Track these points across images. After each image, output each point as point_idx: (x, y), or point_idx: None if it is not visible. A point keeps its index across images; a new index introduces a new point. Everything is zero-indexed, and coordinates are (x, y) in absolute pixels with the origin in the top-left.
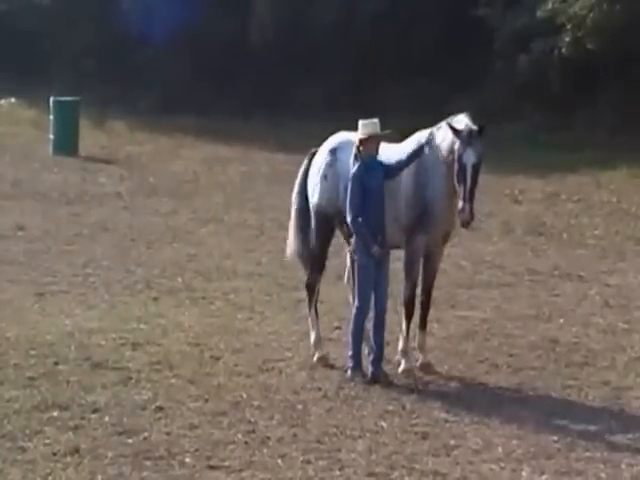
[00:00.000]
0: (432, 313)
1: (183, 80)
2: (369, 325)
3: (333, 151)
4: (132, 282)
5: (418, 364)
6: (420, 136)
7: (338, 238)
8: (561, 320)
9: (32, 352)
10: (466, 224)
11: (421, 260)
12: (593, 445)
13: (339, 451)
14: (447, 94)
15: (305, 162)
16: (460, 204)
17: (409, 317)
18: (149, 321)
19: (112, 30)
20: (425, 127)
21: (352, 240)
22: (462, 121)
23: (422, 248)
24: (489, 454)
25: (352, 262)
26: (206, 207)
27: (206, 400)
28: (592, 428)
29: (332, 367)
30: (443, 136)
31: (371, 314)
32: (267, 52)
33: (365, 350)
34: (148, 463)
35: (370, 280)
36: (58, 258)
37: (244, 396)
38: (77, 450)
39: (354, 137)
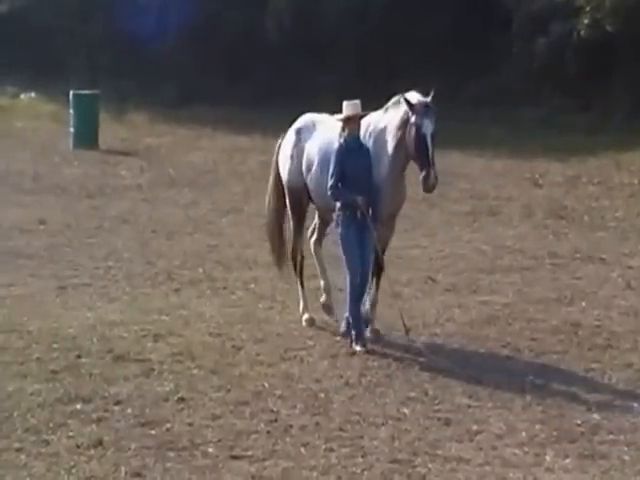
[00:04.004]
0: (454, 298)
1: (199, 71)
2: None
3: (298, 131)
4: (153, 274)
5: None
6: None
7: None
8: (583, 303)
9: (55, 345)
10: (432, 188)
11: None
12: (617, 428)
13: (362, 438)
14: (464, 78)
15: (279, 141)
16: (423, 173)
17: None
18: (170, 312)
19: (127, 23)
20: (442, 111)
21: (334, 215)
22: (414, 96)
23: None
24: (512, 439)
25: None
26: (226, 197)
27: (228, 390)
28: (615, 411)
29: (353, 354)
30: (389, 119)
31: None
32: (282, 41)
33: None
34: (171, 454)
35: (355, 251)
36: (79, 251)
37: (266, 385)
38: (100, 442)
39: (317, 119)
